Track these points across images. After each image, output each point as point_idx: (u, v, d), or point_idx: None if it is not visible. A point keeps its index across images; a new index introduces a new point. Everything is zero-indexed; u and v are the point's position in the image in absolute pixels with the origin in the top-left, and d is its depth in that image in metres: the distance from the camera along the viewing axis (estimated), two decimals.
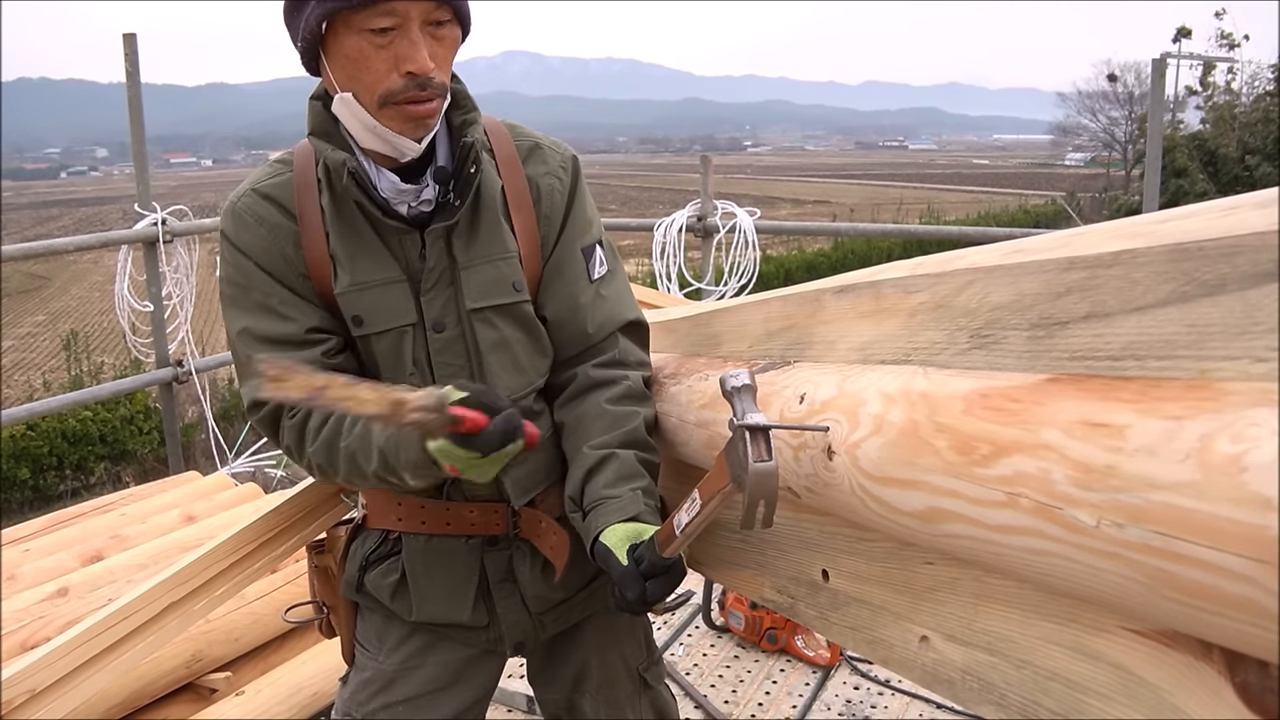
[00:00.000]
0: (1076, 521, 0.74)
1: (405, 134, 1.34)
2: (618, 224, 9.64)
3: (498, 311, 1.44)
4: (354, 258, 1.40)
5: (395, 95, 1.30)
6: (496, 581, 1.52)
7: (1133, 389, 0.76)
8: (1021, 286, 0.91)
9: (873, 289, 1.15)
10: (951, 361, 0.99)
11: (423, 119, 1.33)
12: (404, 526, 1.52)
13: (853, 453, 1.03)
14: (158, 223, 4.58)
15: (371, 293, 1.40)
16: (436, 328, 1.42)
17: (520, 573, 1.53)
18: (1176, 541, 0.67)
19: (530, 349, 1.48)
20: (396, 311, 1.41)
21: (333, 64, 1.32)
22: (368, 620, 1.60)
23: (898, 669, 1.16)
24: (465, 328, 1.42)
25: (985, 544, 0.87)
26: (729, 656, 3.18)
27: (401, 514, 1.51)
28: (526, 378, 1.48)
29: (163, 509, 3.51)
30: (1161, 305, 0.76)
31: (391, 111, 1.31)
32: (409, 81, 1.29)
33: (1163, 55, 5.25)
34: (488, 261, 1.43)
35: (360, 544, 1.58)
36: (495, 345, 1.44)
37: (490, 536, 1.51)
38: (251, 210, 1.42)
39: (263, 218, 1.41)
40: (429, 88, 1.30)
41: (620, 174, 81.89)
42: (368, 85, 1.30)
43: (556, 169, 1.50)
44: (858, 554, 1.21)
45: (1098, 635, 0.86)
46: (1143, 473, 0.69)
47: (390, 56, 1.28)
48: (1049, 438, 0.78)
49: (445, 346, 1.43)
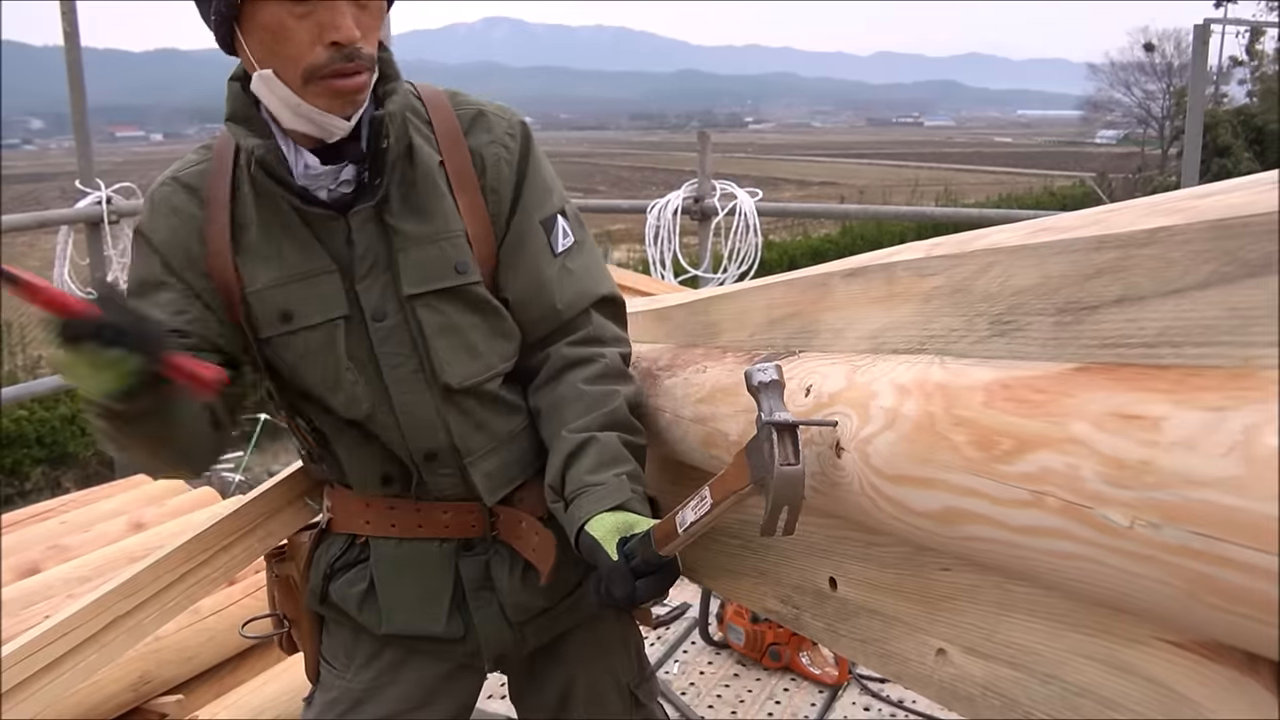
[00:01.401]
0: (1108, 522, 0.75)
1: (333, 111, 1.33)
2: (608, 206, 9.65)
3: (441, 296, 1.43)
4: (279, 251, 1.40)
5: (321, 69, 1.29)
6: (473, 589, 1.52)
7: (1169, 378, 0.76)
8: (1047, 268, 0.91)
9: (885, 272, 1.15)
10: (970, 350, 0.99)
11: (351, 94, 1.32)
12: (372, 530, 1.52)
13: (863, 449, 1.03)
14: (102, 201, 4.57)
15: (298, 285, 1.40)
16: (377, 316, 1.42)
17: (499, 579, 1.53)
18: (1218, 543, 0.67)
19: (486, 332, 1.47)
20: (327, 303, 1.41)
21: (249, 39, 1.31)
22: (334, 634, 1.60)
23: (912, 685, 1.17)
24: (407, 314, 1.42)
25: (1008, 547, 0.87)
26: (728, 674, 3.18)
27: (369, 516, 1.52)
28: (484, 361, 1.47)
29: (108, 516, 3.49)
30: (1201, 287, 0.76)
31: (317, 87, 1.30)
32: (335, 53, 1.28)
33: (1205, 21, 5.26)
34: (429, 242, 1.42)
35: (324, 550, 1.58)
36: (442, 330, 1.43)
37: (466, 540, 1.52)
38: (167, 200, 1.45)
39: (176, 208, 1.44)
40: (357, 59, 1.30)
41: (611, 152, 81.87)
42: (289, 59, 1.29)
43: (502, 136, 1.49)
44: (868, 560, 1.21)
45: (1131, 647, 0.86)
46: (1180, 468, 0.69)
47: (313, 26, 1.27)
48: (1077, 431, 0.79)
49: (388, 336, 1.43)
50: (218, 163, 1.44)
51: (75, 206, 4.59)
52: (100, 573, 2.98)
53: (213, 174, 1.43)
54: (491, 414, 1.50)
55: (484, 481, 1.49)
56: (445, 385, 1.44)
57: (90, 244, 4.64)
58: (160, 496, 3.72)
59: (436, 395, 1.45)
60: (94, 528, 3.38)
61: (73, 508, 3.59)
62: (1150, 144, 42.08)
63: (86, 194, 4.59)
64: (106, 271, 4.66)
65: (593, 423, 1.43)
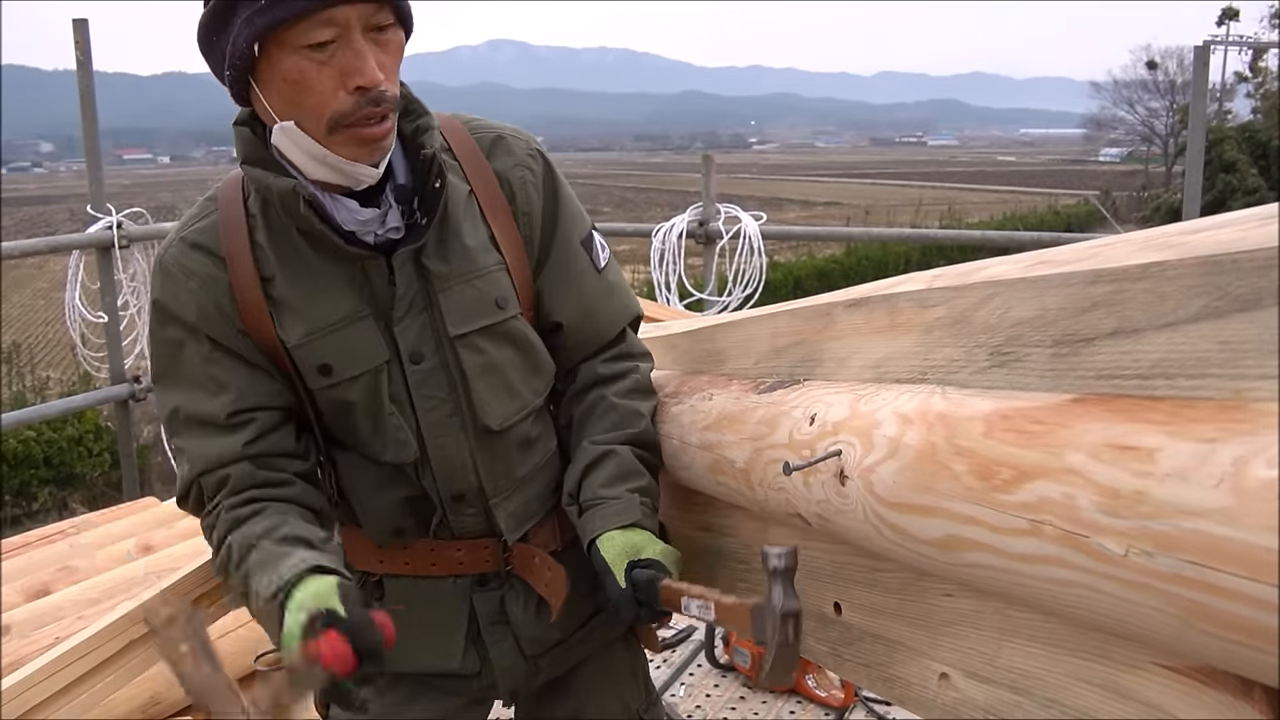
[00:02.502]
0: (1104, 550, 0.77)
1: (360, 160, 1.29)
2: (612, 229, 9.65)
3: (483, 334, 1.41)
4: (309, 299, 1.35)
5: (346, 117, 1.24)
6: (488, 624, 1.50)
7: (1163, 410, 0.78)
8: (1045, 301, 0.94)
9: (887, 303, 1.17)
10: (971, 380, 1.01)
11: (378, 140, 1.28)
12: (385, 569, 1.50)
13: (867, 477, 1.05)
14: (113, 226, 4.60)
15: (336, 336, 1.36)
16: (414, 359, 1.38)
17: (513, 613, 1.51)
18: (1210, 571, 0.69)
19: (523, 368, 1.46)
20: (368, 351, 1.37)
21: (267, 91, 1.26)
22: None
23: (916, 709, 1.18)
24: (447, 355, 1.39)
25: (1008, 574, 0.89)
26: (734, 697, 3.19)
27: (383, 555, 1.49)
28: (520, 401, 1.45)
29: (118, 537, 3.51)
30: (1193, 321, 0.78)
31: (343, 136, 1.26)
32: (360, 99, 1.23)
33: (1206, 41, 5.30)
34: (464, 281, 1.39)
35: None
36: (483, 371, 1.41)
37: (480, 575, 1.50)
38: (179, 264, 1.38)
39: (192, 270, 1.37)
40: (382, 103, 1.25)
41: (615, 173, 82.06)
42: (312, 110, 1.24)
43: (524, 159, 1.47)
44: (872, 585, 1.23)
45: (1130, 672, 0.88)
46: (1174, 498, 0.71)
47: (334, 73, 1.22)
48: (1074, 461, 0.81)
49: (425, 379, 1.39)
50: (226, 214, 1.38)
51: (86, 231, 4.62)
52: (109, 594, 2.99)
53: (224, 227, 1.37)
54: (520, 454, 1.48)
55: (507, 521, 1.48)
56: (485, 428, 1.42)
57: (101, 268, 4.66)
58: (169, 519, 3.73)
59: (471, 437, 1.42)
60: (103, 550, 3.40)
61: (81, 530, 3.60)
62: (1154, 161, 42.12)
63: (97, 219, 4.62)
64: (117, 295, 4.69)
65: (616, 437, 1.46)
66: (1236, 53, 23.37)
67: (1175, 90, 41.81)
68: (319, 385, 1.38)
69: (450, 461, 1.42)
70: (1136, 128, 48.51)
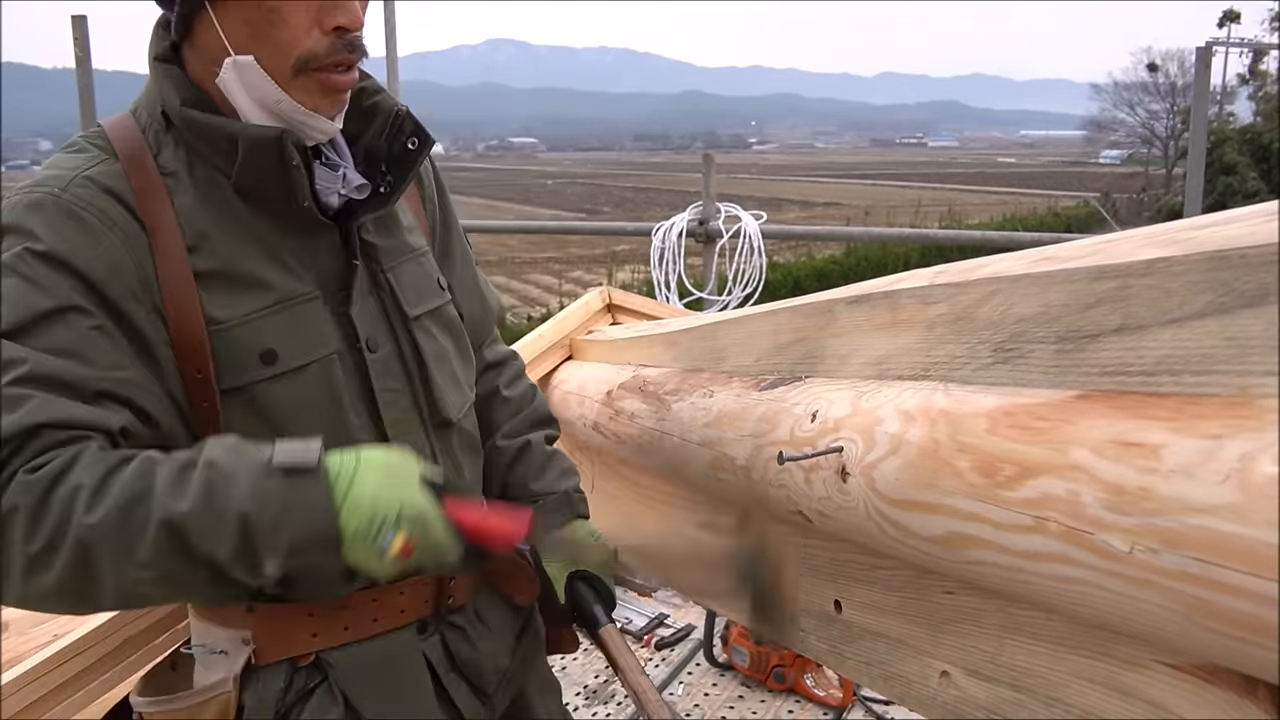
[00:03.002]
0: (1108, 547, 0.76)
1: (321, 110, 1.14)
2: (612, 228, 9.66)
3: (432, 317, 1.29)
4: (248, 273, 1.14)
5: (318, 59, 1.10)
6: (444, 672, 1.30)
7: (1168, 406, 0.78)
8: (1048, 297, 0.93)
9: (889, 300, 1.17)
10: (973, 377, 1.01)
11: (343, 91, 1.15)
12: (321, 642, 1.21)
13: (869, 474, 1.05)
14: None
15: (281, 316, 1.14)
16: (371, 346, 1.21)
17: (459, 653, 1.32)
18: (1216, 568, 0.68)
19: (460, 356, 1.34)
20: (316, 337, 1.16)
21: (226, 18, 1.09)
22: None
23: (916, 707, 1.18)
24: (401, 341, 1.24)
25: (1010, 571, 0.89)
26: (733, 696, 3.18)
27: (315, 627, 1.21)
28: (463, 392, 1.33)
29: None
30: (1198, 317, 0.78)
31: (309, 81, 1.11)
32: (336, 40, 1.10)
33: (1208, 43, 5.30)
34: (411, 259, 1.28)
35: (256, 694, 1.20)
36: (437, 357, 1.27)
37: (420, 623, 1.29)
38: (93, 206, 1.08)
39: (113, 220, 1.08)
40: (356, 50, 1.12)
41: (615, 173, 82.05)
42: (281, 45, 1.09)
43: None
44: (873, 583, 1.23)
45: (1132, 670, 0.88)
46: (1179, 495, 0.71)
47: (313, 8, 1.09)
48: (1078, 458, 0.80)
49: (384, 369, 1.22)
50: (131, 165, 1.12)
51: None
52: None
53: (136, 183, 1.11)
54: (466, 453, 1.35)
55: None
56: (443, 420, 1.28)
57: None
58: None
59: (430, 433, 1.27)
60: None
61: None
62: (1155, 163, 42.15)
63: None
64: None
65: (522, 425, 1.46)
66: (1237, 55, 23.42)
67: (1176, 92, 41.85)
68: (255, 378, 1.13)
69: None
70: (1137, 130, 48.57)
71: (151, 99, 1.17)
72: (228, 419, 1.13)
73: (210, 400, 1.12)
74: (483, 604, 1.35)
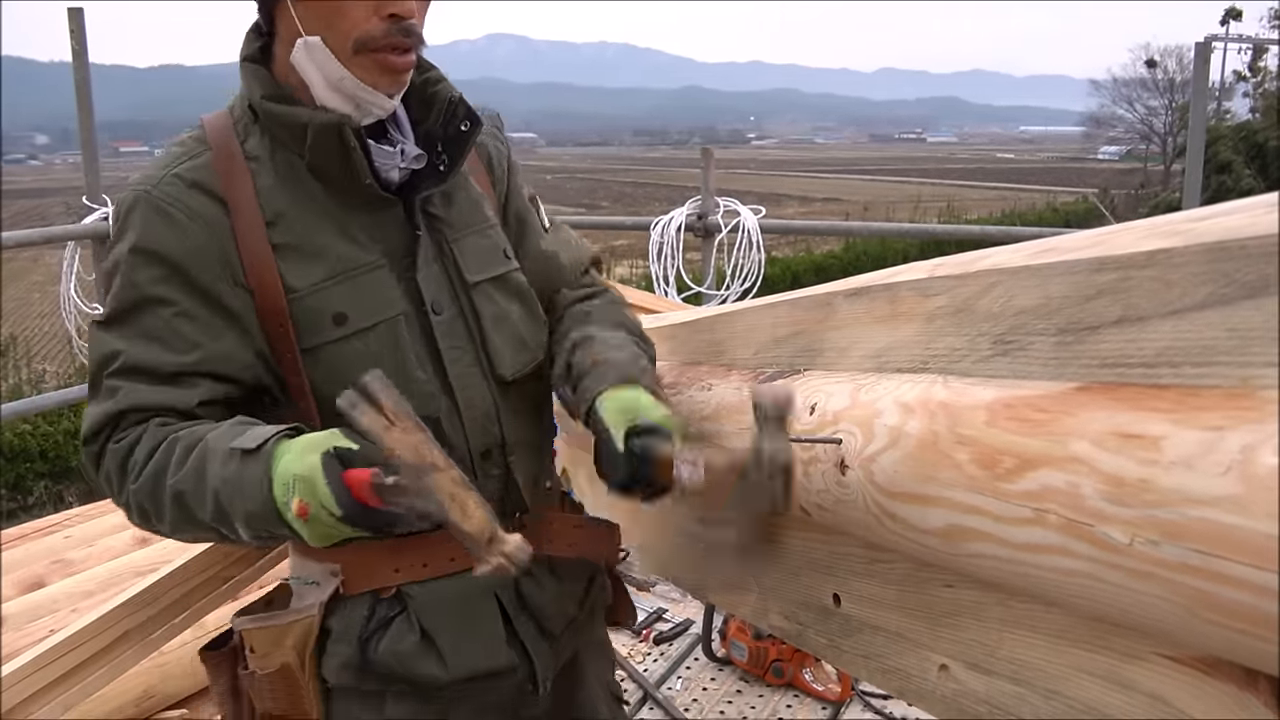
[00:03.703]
0: (1108, 539, 0.76)
1: (380, 88, 1.29)
2: (611, 223, 9.66)
3: (495, 283, 1.42)
4: (321, 244, 1.31)
5: (375, 40, 1.25)
6: (514, 612, 1.44)
7: (1168, 398, 0.77)
8: (1049, 289, 0.93)
9: (888, 292, 1.16)
10: (973, 369, 1.01)
11: (401, 72, 1.29)
12: (403, 577, 1.38)
13: (868, 467, 1.04)
14: (109, 217, 4.58)
15: (352, 283, 1.31)
16: (436, 309, 1.36)
17: (530, 597, 1.45)
18: (1216, 560, 0.68)
19: (528, 320, 1.46)
20: (384, 300, 1.32)
21: (299, 8, 1.26)
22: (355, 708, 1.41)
23: (914, 700, 1.17)
24: (464, 304, 1.39)
25: (1010, 564, 0.88)
26: (731, 691, 3.18)
27: (398, 563, 1.37)
28: (530, 353, 1.45)
29: (113, 530, 3.50)
30: (1199, 308, 0.78)
31: (367, 60, 1.26)
32: (391, 26, 1.25)
33: (1207, 38, 5.30)
34: (476, 232, 1.42)
35: (345, 618, 1.37)
36: (496, 320, 1.41)
37: None
38: (175, 197, 1.28)
39: (196, 211, 1.28)
40: (411, 34, 1.27)
41: (614, 168, 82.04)
42: (342, 30, 1.25)
43: (492, 130, 1.53)
44: (872, 576, 1.22)
45: (1132, 663, 0.88)
46: (1180, 486, 0.71)
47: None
48: (1078, 450, 0.80)
49: (448, 329, 1.37)
50: (222, 155, 1.31)
51: (82, 222, 4.60)
52: (105, 587, 2.99)
53: (222, 170, 1.30)
54: (531, 411, 1.48)
55: (525, 480, 1.45)
56: (500, 377, 1.41)
57: (96, 260, 4.65)
58: None
59: (492, 387, 1.40)
60: (99, 542, 3.40)
61: (77, 522, 3.59)
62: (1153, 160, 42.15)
63: (93, 210, 4.61)
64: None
65: (598, 327, 1.46)
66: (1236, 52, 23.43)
67: (1174, 89, 41.83)
68: (329, 338, 1.30)
69: (477, 411, 1.38)
70: (1135, 126, 48.54)
71: (242, 95, 1.35)
72: (310, 375, 1.31)
73: (294, 359, 1.30)
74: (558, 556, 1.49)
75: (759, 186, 46.40)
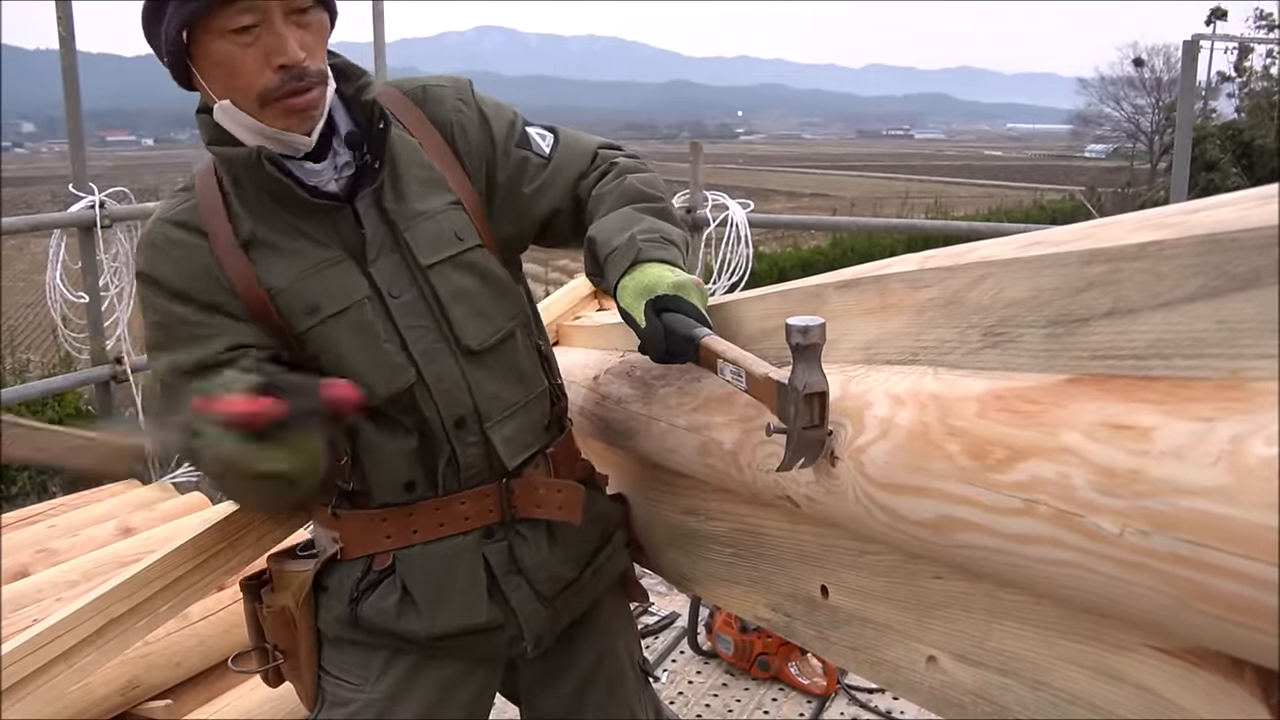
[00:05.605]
0: (1098, 529, 0.76)
1: (293, 129, 1.40)
2: None
3: (449, 263, 1.51)
4: (288, 250, 1.46)
5: (273, 92, 1.36)
6: (503, 574, 1.56)
7: (1158, 389, 0.77)
8: (1039, 281, 0.93)
9: (878, 284, 1.16)
10: (963, 361, 1.01)
11: (306, 110, 1.39)
12: (393, 544, 1.54)
13: (858, 458, 1.04)
14: (95, 205, 4.54)
15: (318, 276, 1.46)
16: (393, 293, 1.48)
17: (524, 559, 1.57)
18: (1206, 550, 0.68)
19: (489, 294, 1.54)
20: (348, 287, 1.47)
21: (204, 74, 1.39)
22: (347, 653, 1.61)
23: (902, 692, 1.18)
24: (422, 286, 1.49)
25: (1000, 555, 0.89)
26: (716, 684, 3.19)
27: (389, 530, 1.54)
28: (494, 324, 1.54)
29: (97, 520, 3.48)
30: (1190, 300, 0.78)
31: (273, 110, 1.38)
32: (283, 75, 1.35)
33: (1194, 37, 5.31)
34: (426, 219, 1.50)
35: (341, 578, 1.58)
36: (455, 296, 1.51)
37: (486, 529, 1.55)
38: (164, 237, 1.49)
39: (176, 241, 1.48)
40: (306, 77, 1.37)
41: None
42: (243, 88, 1.36)
43: (455, 103, 1.58)
44: (860, 568, 1.23)
45: (1120, 654, 0.88)
46: (1170, 477, 0.71)
47: (259, 54, 1.34)
48: (1069, 441, 0.80)
49: (407, 309, 1.48)
50: (202, 195, 1.49)
51: (68, 211, 4.57)
52: (89, 576, 2.97)
53: (202, 206, 1.48)
54: (506, 379, 1.56)
55: (504, 446, 1.54)
56: (468, 348, 1.51)
57: (83, 248, 4.61)
58: (150, 501, 3.71)
59: (460, 359, 1.51)
60: (83, 532, 3.37)
61: (61, 512, 3.57)
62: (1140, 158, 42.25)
63: (79, 198, 4.57)
64: (99, 275, 4.64)
65: (603, 214, 1.51)
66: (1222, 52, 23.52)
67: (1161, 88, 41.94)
68: (307, 325, 1.46)
69: (445, 383, 1.50)
70: (1122, 124, 48.62)
71: None
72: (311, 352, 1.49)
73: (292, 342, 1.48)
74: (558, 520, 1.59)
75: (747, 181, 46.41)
